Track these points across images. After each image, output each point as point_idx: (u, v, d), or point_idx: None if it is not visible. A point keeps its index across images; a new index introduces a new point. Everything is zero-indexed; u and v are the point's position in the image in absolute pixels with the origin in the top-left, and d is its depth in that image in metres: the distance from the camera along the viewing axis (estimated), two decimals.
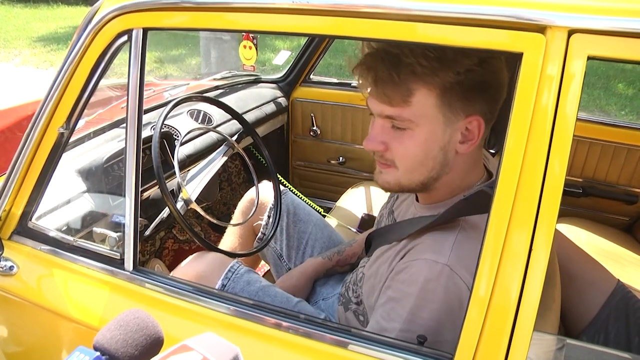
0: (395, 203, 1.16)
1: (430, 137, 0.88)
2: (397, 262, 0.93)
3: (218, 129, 1.74)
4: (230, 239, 1.57)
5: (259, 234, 1.48)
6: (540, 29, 0.68)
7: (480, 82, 0.86)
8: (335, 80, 2.36)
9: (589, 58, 0.67)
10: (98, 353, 0.60)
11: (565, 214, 1.95)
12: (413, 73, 0.84)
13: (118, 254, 1.06)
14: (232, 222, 1.57)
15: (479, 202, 0.74)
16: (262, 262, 1.69)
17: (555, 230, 0.71)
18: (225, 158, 1.49)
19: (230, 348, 0.56)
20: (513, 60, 0.72)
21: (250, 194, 1.56)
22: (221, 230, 2.08)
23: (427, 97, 0.86)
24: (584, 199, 1.95)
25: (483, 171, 0.99)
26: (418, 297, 0.86)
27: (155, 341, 0.64)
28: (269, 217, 1.48)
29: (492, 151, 1.87)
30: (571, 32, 0.67)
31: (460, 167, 0.94)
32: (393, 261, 0.95)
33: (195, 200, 1.30)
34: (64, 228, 1.25)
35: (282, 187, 1.58)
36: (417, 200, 1.06)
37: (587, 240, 1.79)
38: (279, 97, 2.29)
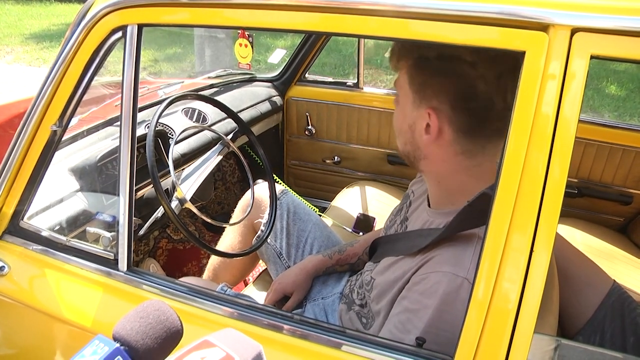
0: (409, 210, 1.15)
1: (403, 110, 0.97)
2: (413, 272, 0.93)
3: (213, 127, 1.72)
4: (229, 237, 1.56)
5: (259, 232, 1.47)
6: (543, 27, 0.68)
7: (442, 75, 0.89)
8: (330, 79, 2.35)
9: (592, 57, 0.66)
10: (118, 344, 0.58)
11: (560, 214, 1.95)
12: (402, 45, 0.94)
13: (112, 254, 1.05)
14: (231, 220, 1.55)
15: (485, 209, 0.73)
16: (259, 261, 1.68)
17: None
18: (220, 157, 1.48)
19: (253, 345, 0.55)
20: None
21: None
22: (215, 230, 2.06)
23: (404, 71, 0.95)
24: (579, 200, 1.96)
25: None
26: (436, 309, 0.85)
27: (174, 334, 0.62)
28: (269, 214, 1.48)
29: None
30: (574, 31, 0.66)
31: (437, 158, 0.96)
32: (408, 271, 0.94)
33: (190, 200, 1.28)
34: (57, 227, 1.22)
35: (282, 187, 1.57)
36: (429, 205, 1.05)
37: (582, 240, 1.79)
38: (274, 96, 2.27)
